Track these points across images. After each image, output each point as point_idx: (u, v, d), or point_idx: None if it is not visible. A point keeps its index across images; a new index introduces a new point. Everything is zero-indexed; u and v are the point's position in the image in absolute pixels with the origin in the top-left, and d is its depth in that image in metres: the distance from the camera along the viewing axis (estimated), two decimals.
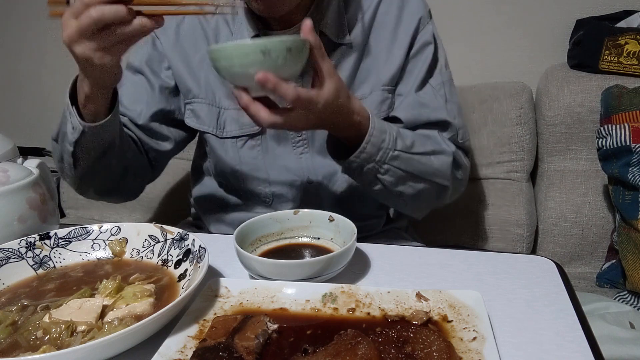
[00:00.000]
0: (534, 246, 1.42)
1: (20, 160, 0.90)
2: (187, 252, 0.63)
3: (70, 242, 0.69)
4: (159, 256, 0.66)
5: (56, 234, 0.68)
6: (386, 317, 0.53)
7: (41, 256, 0.66)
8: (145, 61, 0.92)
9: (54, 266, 0.67)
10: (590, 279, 1.33)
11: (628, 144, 1.18)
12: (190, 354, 0.48)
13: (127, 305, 0.55)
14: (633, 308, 1.10)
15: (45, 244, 0.67)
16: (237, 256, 0.64)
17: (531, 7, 1.51)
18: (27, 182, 0.70)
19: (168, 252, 0.66)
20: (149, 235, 0.68)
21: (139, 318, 0.53)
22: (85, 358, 0.46)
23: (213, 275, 0.66)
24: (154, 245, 0.68)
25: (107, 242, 0.69)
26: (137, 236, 0.69)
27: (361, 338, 0.47)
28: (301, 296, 0.57)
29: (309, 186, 0.93)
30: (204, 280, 0.56)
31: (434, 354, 0.45)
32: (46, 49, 1.98)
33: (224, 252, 0.69)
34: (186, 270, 0.61)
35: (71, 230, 0.69)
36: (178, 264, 0.63)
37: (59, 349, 0.49)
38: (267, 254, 0.70)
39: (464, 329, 0.50)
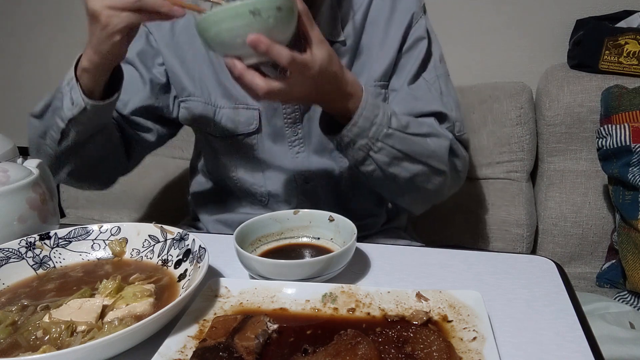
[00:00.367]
0: (534, 246, 1.42)
1: (20, 160, 0.90)
2: (187, 252, 0.63)
3: (70, 242, 0.69)
4: (159, 256, 0.66)
5: (56, 234, 0.68)
6: (386, 317, 0.53)
7: (41, 256, 0.66)
8: (137, 53, 0.92)
9: (54, 266, 0.67)
10: (590, 279, 1.33)
11: (628, 144, 1.18)
12: (190, 354, 0.48)
13: (127, 305, 0.55)
14: (633, 308, 1.10)
15: (45, 244, 0.67)
16: (237, 256, 0.64)
17: (531, 7, 1.51)
18: (27, 182, 0.70)
19: (168, 252, 0.66)
20: (149, 235, 0.68)
21: (139, 318, 0.53)
22: (85, 358, 0.46)
23: (213, 275, 0.66)
24: (154, 245, 0.68)
25: (107, 242, 0.69)
26: (137, 236, 0.69)
27: (361, 338, 0.47)
28: (301, 296, 0.57)
29: (306, 186, 0.93)
30: (204, 280, 0.56)
31: (434, 354, 0.45)
32: (47, 49, 1.98)
33: (224, 252, 0.69)
34: (186, 270, 0.61)
35: (71, 230, 0.69)
36: (178, 264, 0.63)
37: (59, 349, 0.49)
38: (267, 254, 0.70)
39: (464, 329, 0.50)
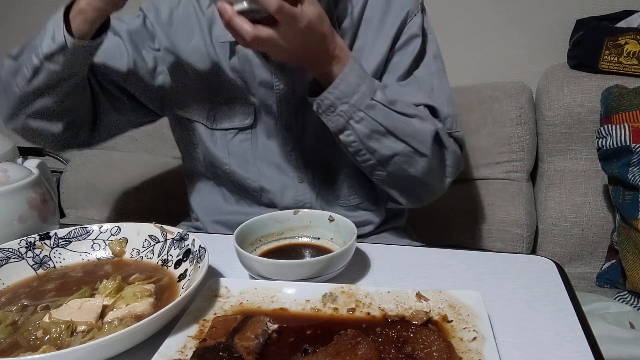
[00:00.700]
0: (533, 246, 1.41)
1: (20, 160, 0.90)
2: (187, 252, 0.63)
3: (70, 242, 0.69)
4: (159, 256, 0.66)
5: (56, 234, 0.68)
6: (386, 317, 0.53)
7: (41, 256, 0.66)
8: (128, 30, 0.90)
9: (54, 266, 0.67)
10: (590, 279, 1.33)
11: (628, 144, 1.18)
12: (190, 354, 0.48)
13: (127, 305, 0.55)
14: (633, 308, 1.10)
15: (45, 244, 0.67)
16: (237, 256, 0.64)
17: (531, 6, 1.51)
18: (27, 182, 0.70)
19: (168, 252, 0.66)
20: (149, 235, 0.68)
21: (139, 318, 0.53)
22: (85, 358, 0.46)
23: (213, 275, 0.66)
24: (154, 245, 0.68)
25: (107, 242, 0.69)
26: (137, 236, 0.69)
27: (361, 338, 0.47)
28: (301, 296, 0.57)
29: (299, 185, 0.93)
30: (204, 280, 0.56)
31: (434, 354, 0.45)
32: None
33: (224, 252, 0.69)
34: (186, 270, 0.61)
35: (71, 230, 0.69)
36: (178, 264, 0.63)
37: (59, 349, 0.49)
38: (267, 254, 0.70)
39: (464, 329, 0.50)
